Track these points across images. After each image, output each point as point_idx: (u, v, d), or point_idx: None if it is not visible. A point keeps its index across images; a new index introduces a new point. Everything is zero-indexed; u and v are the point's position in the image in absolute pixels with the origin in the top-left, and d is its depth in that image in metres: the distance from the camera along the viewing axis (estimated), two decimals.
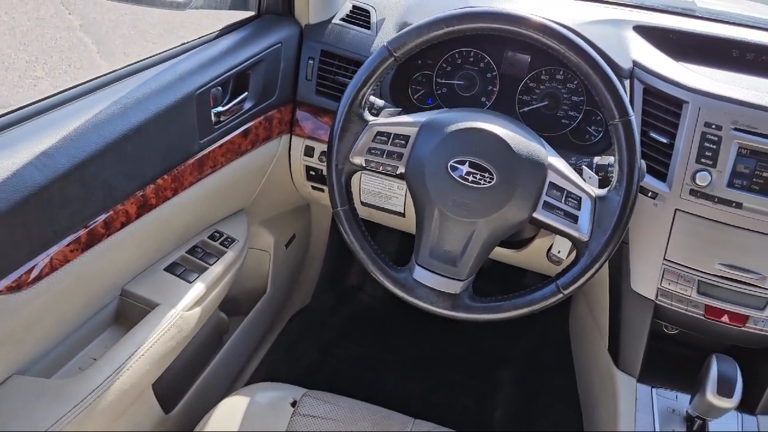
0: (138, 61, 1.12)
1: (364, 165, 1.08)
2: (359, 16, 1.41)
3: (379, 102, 1.18)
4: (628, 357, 1.25)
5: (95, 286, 1.07)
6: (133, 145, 1.01)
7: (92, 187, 0.95)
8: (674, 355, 1.31)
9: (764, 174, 1.10)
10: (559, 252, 1.25)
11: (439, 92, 1.38)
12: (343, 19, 1.42)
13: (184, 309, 1.15)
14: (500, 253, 1.44)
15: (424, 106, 1.38)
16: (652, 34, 1.31)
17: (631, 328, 1.24)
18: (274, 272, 1.65)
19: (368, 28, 1.39)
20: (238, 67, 1.22)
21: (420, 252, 1.06)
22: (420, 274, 1.06)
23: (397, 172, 1.06)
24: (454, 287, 1.05)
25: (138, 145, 1.02)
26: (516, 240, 1.38)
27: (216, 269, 1.26)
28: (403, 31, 1.04)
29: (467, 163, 1.00)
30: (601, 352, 1.34)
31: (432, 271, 1.05)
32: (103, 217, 0.99)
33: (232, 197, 1.38)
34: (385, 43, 1.04)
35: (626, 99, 0.96)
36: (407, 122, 1.07)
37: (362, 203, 1.45)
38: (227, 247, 1.32)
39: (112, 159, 0.98)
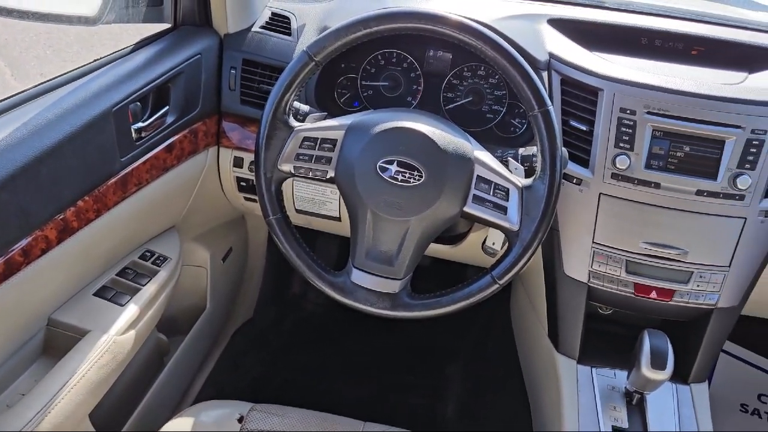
0: (49, 80, 1.08)
1: (293, 172, 1.07)
2: (279, 23, 1.40)
3: (305, 107, 1.18)
4: (567, 340, 1.29)
5: (18, 317, 1.02)
6: (49, 168, 0.97)
7: (5, 215, 0.91)
8: (610, 334, 1.36)
9: (678, 154, 1.15)
10: (493, 244, 1.27)
11: (365, 94, 1.38)
12: (263, 27, 1.40)
13: (117, 333, 1.11)
14: (438, 250, 1.45)
15: (351, 109, 1.38)
16: (566, 27, 1.35)
17: (568, 312, 1.28)
18: (212, 288, 1.62)
19: (289, 34, 1.38)
20: (157, 81, 1.19)
21: (356, 254, 1.06)
22: (358, 277, 1.06)
23: (327, 177, 1.06)
24: (392, 287, 1.05)
25: (54, 168, 0.98)
26: (451, 235, 1.40)
27: (149, 290, 1.22)
28: (322, 35, 1.03)
29: (395, 163, 1.00)
30: (542, 337, 1.37)
31: (369, 273, 1.05)
32: (20, 244, 0.94)
33: (161, 214, 1.34)
34: (304, 48, 1.04)
35: (543, 90, 0.99)
36: (333, 126, 1.06)
37: (297, 211, 1.43)
38: (160, 266, 1.28)
39: (26, 183, 0.93)
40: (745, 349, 1.98)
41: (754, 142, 1.13)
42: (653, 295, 1.20)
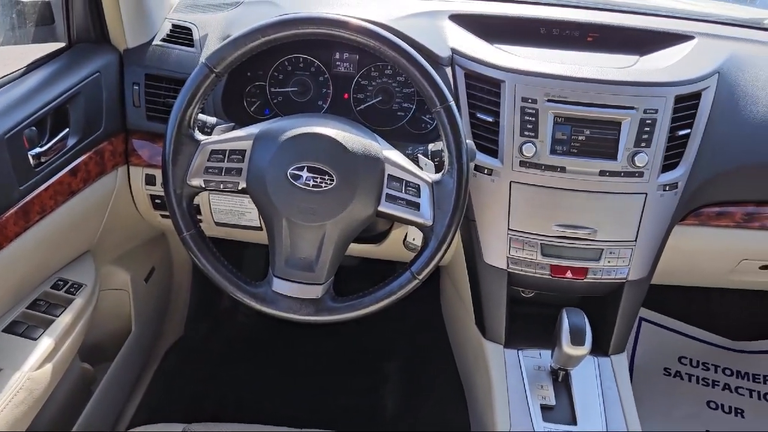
0: None
1: (203, 186, 1.05)
2: (181, 35, 1.37)
3: (211, 120, 1.16)
4: (493, 327, 1.32)
5: None
6: None
7: None
8: (534, 315, 1.40)
9: (580, 138, 1.20)
10: (414, 239, 1.29)
11: (274, 101, 1.37)
12: (164, 40, 1.37)
13: (31, 369, 1.07)
14: (362, 249, 1.46)
15: (262, 117, 1.37)
16: (467, 21, 1.39)
17: (491, 298, 1.31)
18: (137, 310, 1.57)
19: (192, 45, 1.35)
20: (53, 103, 1.14)
21: (275, 263, 1.05)
22: (279, 286, 1.05)
23: (239, 188, 1.05)
24: (314, 292, 1.05)
25: None
26: (373, 234, 1.41)
27: (64, 320, 1.17)
28: (220, 45, 1.02)
29: (306, 169, 1.00)
30: (470, 326, 1.40)
31: (290, 281, 1.05)
32: None
33: (72, 240, 1.29)
34: (203, 60, 1.02)
35: (444, 86, 1.01)
36: (240, 136, 1.05)
37: (216, 224, 1.41)
38: (75, 294, 1.23)
39: None
40: (664, 315, 2.09)
41: (647, 122, 1.19)
42: (568, 274, 1.25)
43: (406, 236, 1.35)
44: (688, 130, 1.23)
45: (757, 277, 1.47)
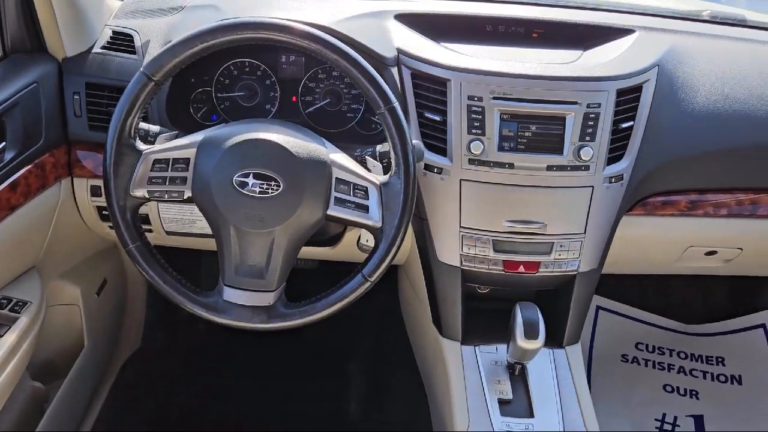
0: None
1: (147, 196, 1.03)
2: (122, 42, 1.34)
3: (154, 128, 1.14)
4: (450, 324, 1.33)
5: None
6: None
7: None
8: (491, 311, 1.41)
9: (526, 134, 1.21)
10: (367, 241, 1.29)
11: (221, 107, 1.35)
12: (104, 47, 1.33)
13: None
14: (317, 252, 1.46)
15: (209, 123, 1.35)
16: (413, 20, 1.39)
17: (447, 296, 1.32)
18: (89, 324, 1.53)
19: (133, 52, 1.32)
20: None
21: (225, 272, 1.04)
22: (230, 294, 1.04)
23: (185, 197, 1.03)
24: (266, 299, 1.04)
25: None
26: (327, 237, 1.40)
27: (8, 340, 1.14)
28: (158, 53, 1.00)
29: (251, 175, 0.99)
30: (428, 324, 1.41)
31: (241, 289, 1.04)
32: None
33: (14, 257, 1.25)
34: (141, 69, 1.00)
35: (387, 88, 1.01)
36: (183, 144, 1.04)
37: (168, 233, 1.39)
38: (19, 313, 1.20)
39: None
40: (621, 303, 2.14)
41: (590, 116, 1.21)
42: (521, 269, 1.27)
43: (359, 238, 1.35)
44: (631, 123, 1.25)
45: (704, 263, 1.51)
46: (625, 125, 1.24)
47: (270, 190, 0.99)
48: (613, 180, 1.24)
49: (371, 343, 1.99)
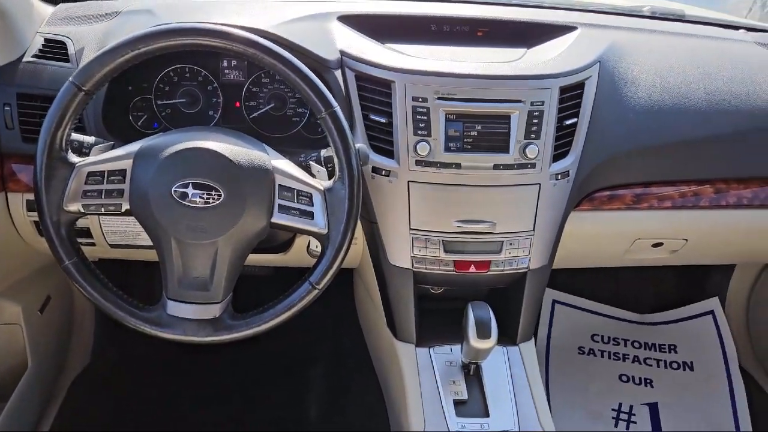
0: None
1: (82, 210, 0.99)
2: (54, 50, 1.29)
3: (89, 139, 1.10)
4: (403, 327, 1.33)
5: None
6: None
7: None
8: (445, 311, 1.41)
9: (472, 133, 1.21)
10: (316, 246, 1.27)
11: (162, 114, 1.32)
12: (36, 56, 1.28)
13: None
14: (269, 259, 1.43)
15: (151, 131, 1.31)
16: (357, 22, 1.37)
17: (400, 299, 1.31)
18: (32, 343, 1.48)
19: (67, 60, 1.28)
20: None
21: (168, 285, 1.01)
22: (174, 308, 1.01)
23: (122, 210, 1.00)
24: (212, 312, 1.02)
25: None
26: (277, 244, 1.38)
27: None
28: (87, 61, 0.97)
29: (191, 185, 0.97)
30: (382, 327, 1.40)
31: (185, 302, 1.01)
32: None
33: None
34: (70, 78, 0.96)
35: (327, 92, 1.00)
36: (119, 156, 1.00)
37: (112, 246, 1.34)
38: None
39: None
40: (576, 296, 2.17)
41: (535, 114, 1.21)
42: (472, 269, 1.27)
43: (309, 243, 1.33)
44: (575, 120, 1.26)
45: (651, 255, 1.54)
46: (569, 122, 1.25)
47: (211, 200, 0.97)
48: (559, 177, 1.25)
49: (329, 347, 1.98)
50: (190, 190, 0.96)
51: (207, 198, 0.97)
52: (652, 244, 1.49)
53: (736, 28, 1.62)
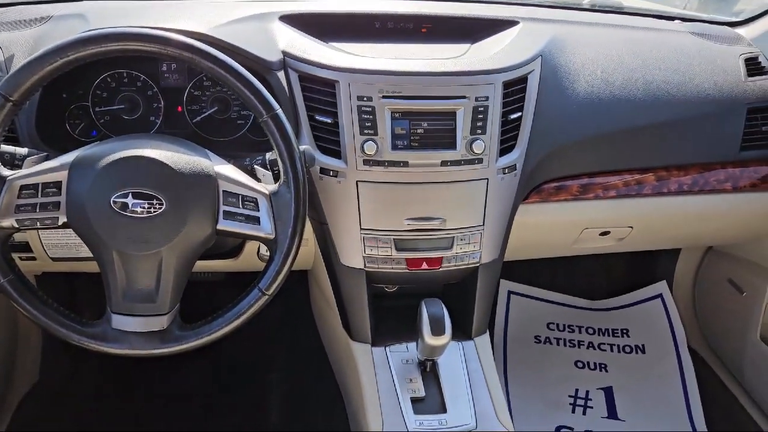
0: None
1: (16, 226, 0.95)
2: None
3: (22, 150, 1.05)
4: (359, 327, 1.32)
5: None
6: None
7: None
8: (400, 308, 1.41)
9: (418, 131, 1.21)
10: (266, 251, 1.25)
11: (101, 121, 1.28)
12: None
13: None
14: (220, 265, 1.41)
15: (89, 140, 1.27)
16: (299, 21, 1.35)
17: (354, 299, 1.31)
18: None
19: None
20: None
21: (112, 299, 0.98)
22: (119, 322, 0.98)
23: (60, 223, 0.96)
24: (159, 323, 0.99)
25: None
26: (227, 249, 1.36)
27: None
28: (14, 70, 0.93)
29: (130, 195, 0.94)
30: (338, 329, 1.39)
31: (131, 315, 0.98)
32: None
33: None
34: None
35: (267, 95, 0.98)
36: (52, 167, 0.96)
37: (54, 259, 1.30)
38: None
39: None
40: (531, 286, 2.20)
41: (480, 109, 1.22)
42: (424, 266, 1.27)
43: (259, 248, 1.31)
44: (519, 114, 1.27)
45: (599, 243, 1.57)
46: (513, 116, 1.26)
47: (152, 210, 0.94)
48: (506, 171, 1.26)
49: (287, 351, 1.96)
50: (130, 200, 0.94)
51: (148, 207, 0.94)
52: (600, 233, 1.52)
53: (672, 18, 1.66)
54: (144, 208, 0.94)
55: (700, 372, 1.94)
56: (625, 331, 2.09)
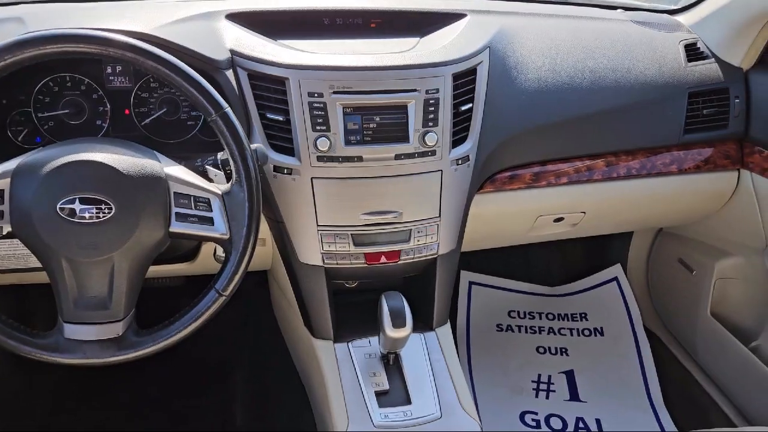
0: None
1: None
2: None
3: None
4: (320, 324, 1.32)
5: None
6: None
7: None
8: (361, 303, 1.41)
9: (371, 125, 1.21)
10: (223, 252, 1.24)
11: (45, 127, 1.24)
12: None
13: None
14: (176, 269, 1.39)
15: (33, 146, 1.23)
16: (247, 19, 1.34)
17: (314, 297, 1.30)
18: None
19: None
20: None
21: (63, 308, 0.96)
22: (72, 331, 0.96)
23: (4, 233, 0.94)
24: (115, 330, 0.98)
25: None
26: (183, 252, 1.34)
27: None
28: None
29: (78, 200, 0.92)
30: (300, 327, 1.38)
31: (84, 323, 0.96)
32: None
33: None
34: None
35: (215, 93, 0.97)
36: None
37: (0, 272, 1.26)
38: None
39: None
40: (491, 276, 2.23)
41: (431, 102, 1.23)
42: (383, 260, 1.27)
43: (215, 249, 1.30)
44: (470, 105, 1.29)
45: (554, 229, 1.60)
46: (464, 108, 1.28)
47: (101, 215, 0.92)
48: (460, 162, 1.27)
49: (250, 352, 1.94)
50: (77, 206, 0.91)
51: (97, 213, 0.92)
52: (554, 219, 1.55)
53: (614, 8, 1.70)
54: (92, 213, 0.92)
55: (656, 350, 2.00)
56: (583, 315, 2.14)
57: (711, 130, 1.53)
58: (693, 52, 1.54)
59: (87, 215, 0.92)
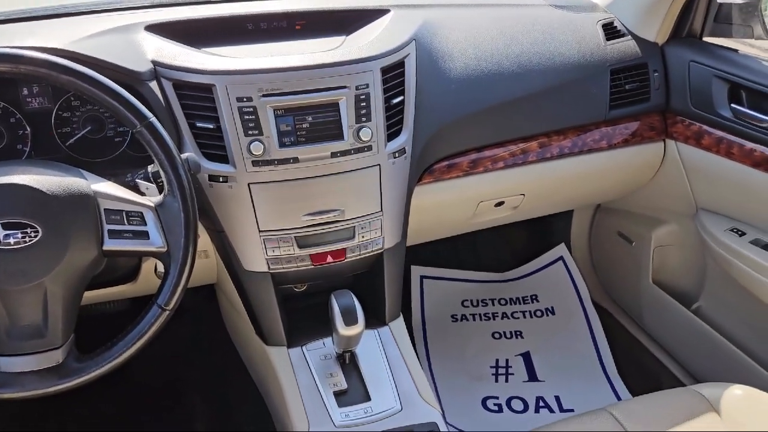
0: None
1: None
2: None
3: None
4: (272, 331, 1.30)
5: None
6: None
7: None
8: (312, 306, 1.40)
9: (304, 125, 1.20)
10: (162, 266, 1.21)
11: None
12: None
13: None
14: (118, 291, 1.35)
15: None
16: (167, 30, 1.31)
17: (262, 304, 1.29)
18: None
19: None
20: None
21: None
22: (7, 364, 0.92)
23: None
24: (54, 358, 0.94)
25: None
26: (122, 273, 1.29)
27: None
28: None
29: (0, 226, 0.88)
30: (252, 336, 1.36)
31: (19, 354, 0.92)
32: None
33: None
34: None
35: (138, 104, 0.95)
36: None
37: None
38: None
39: None
40: (441, 268, 2.25)
41: (361, 97, 1.23)
42: (329, 259, 1.27)
43: (156, 266, 1.27)
44: (401, 98, 1.29)
45: (497, 214, 1.63)
46: (396, 101, 1.28)
47: (27, 239, 0.88)
48: (396, 155, 1.28)
49: (204, 368, 1.90)
50: (1, 232, 0.87)
51: (22, 237, 0.88)
52: (495, 204, 1.58)
53: None
54: (18, 238, 0.88)
55: (605, 323, 2.05)
56: (534, 297, 2.18)
57: (635, 104, 1.58)
58: (611, 31, 1.59)
59: (12, 241, 0.88)
